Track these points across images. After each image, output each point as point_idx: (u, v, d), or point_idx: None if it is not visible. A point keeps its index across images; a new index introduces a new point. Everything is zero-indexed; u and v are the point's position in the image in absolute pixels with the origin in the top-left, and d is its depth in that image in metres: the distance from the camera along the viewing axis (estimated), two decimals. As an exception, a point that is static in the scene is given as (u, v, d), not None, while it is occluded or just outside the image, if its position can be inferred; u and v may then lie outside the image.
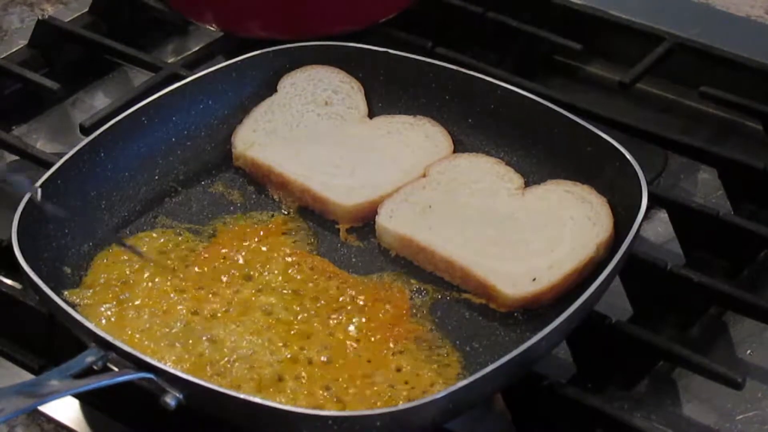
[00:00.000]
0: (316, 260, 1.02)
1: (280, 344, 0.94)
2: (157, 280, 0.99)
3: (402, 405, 0.84)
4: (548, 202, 1.03)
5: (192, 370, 0.91)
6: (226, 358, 0.92)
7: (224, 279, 1.00)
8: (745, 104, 1.21)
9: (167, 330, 0.95)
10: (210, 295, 0.98)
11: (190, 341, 0.94)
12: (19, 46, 1.31)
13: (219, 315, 0.97)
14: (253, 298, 0.98)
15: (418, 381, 0.91)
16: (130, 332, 0.94)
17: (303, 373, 0.92)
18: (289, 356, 0.93)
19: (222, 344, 0.94)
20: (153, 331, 0.95)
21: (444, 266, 1.00)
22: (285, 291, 0.99)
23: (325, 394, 0.90)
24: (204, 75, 1.12)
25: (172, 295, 0.98)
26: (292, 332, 0.95)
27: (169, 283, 0.99)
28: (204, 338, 0.94)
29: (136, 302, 0.97)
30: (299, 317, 0.96)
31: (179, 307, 0.97)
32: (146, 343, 0.94)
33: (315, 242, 1.04)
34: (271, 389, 0.91)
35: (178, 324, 0.96)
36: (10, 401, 0.80)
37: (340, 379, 0.91)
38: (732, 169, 1.14)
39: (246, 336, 0.94)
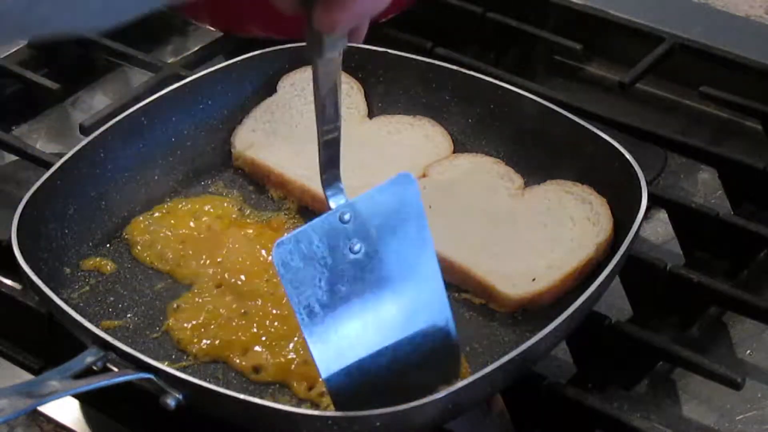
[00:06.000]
0: (316, 260, 1.02)
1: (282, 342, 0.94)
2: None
3: (402, 405, 0.83)
4: (548, 202, 1.04)
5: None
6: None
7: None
8: (745, 104, 1.21)
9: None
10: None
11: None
12: (19, 46, 1.31)
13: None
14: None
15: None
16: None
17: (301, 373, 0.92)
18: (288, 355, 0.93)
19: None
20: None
21: (444, 266, 1.00)
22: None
23: (323, 393, 0.90)
24: (204, 75, 1.12)
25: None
26: (292, 333, 0.95)
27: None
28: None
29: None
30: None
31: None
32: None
33: (315, 242, 1.04)
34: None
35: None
36: (10, 401, 0.80)
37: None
38: (732, 169, 1.14)
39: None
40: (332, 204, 0.85)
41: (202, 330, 0.95)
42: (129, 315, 0.98)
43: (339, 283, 0.83)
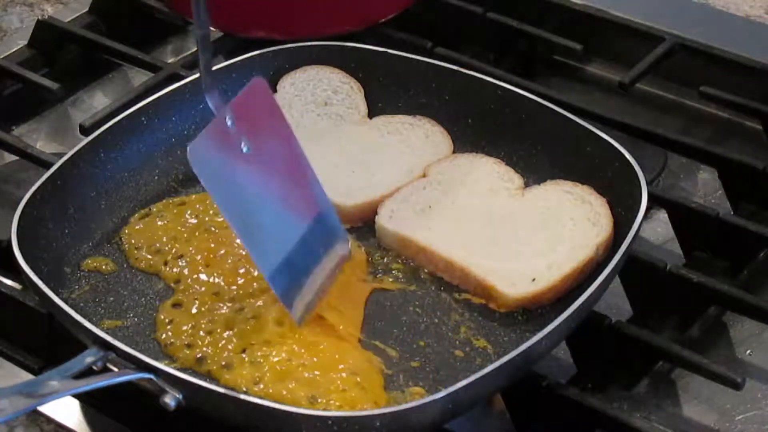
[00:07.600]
0: (316, 260, 1.02)
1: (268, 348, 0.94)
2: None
3: (402, 405, 0.84)
4: (548, 202, 1.04)
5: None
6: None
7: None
8: (745, 104, 1.21)
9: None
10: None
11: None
12: (19, 46, 1.31)
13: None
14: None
15: (418, 381, 0.91)
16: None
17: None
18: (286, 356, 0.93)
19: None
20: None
21: (444, 266, 1.00)
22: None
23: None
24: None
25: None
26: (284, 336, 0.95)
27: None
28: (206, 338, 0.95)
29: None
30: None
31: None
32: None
33: (315, 242, 1.04)
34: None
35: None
36: (10, 401, 0.80)
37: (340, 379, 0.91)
38: (732, 169, 1.14)
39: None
40: (214, 109, 0.92)
41: (190, 337, 0.94)
42: (129, 315, 0.98)
43: (245, 182, 0.89)
